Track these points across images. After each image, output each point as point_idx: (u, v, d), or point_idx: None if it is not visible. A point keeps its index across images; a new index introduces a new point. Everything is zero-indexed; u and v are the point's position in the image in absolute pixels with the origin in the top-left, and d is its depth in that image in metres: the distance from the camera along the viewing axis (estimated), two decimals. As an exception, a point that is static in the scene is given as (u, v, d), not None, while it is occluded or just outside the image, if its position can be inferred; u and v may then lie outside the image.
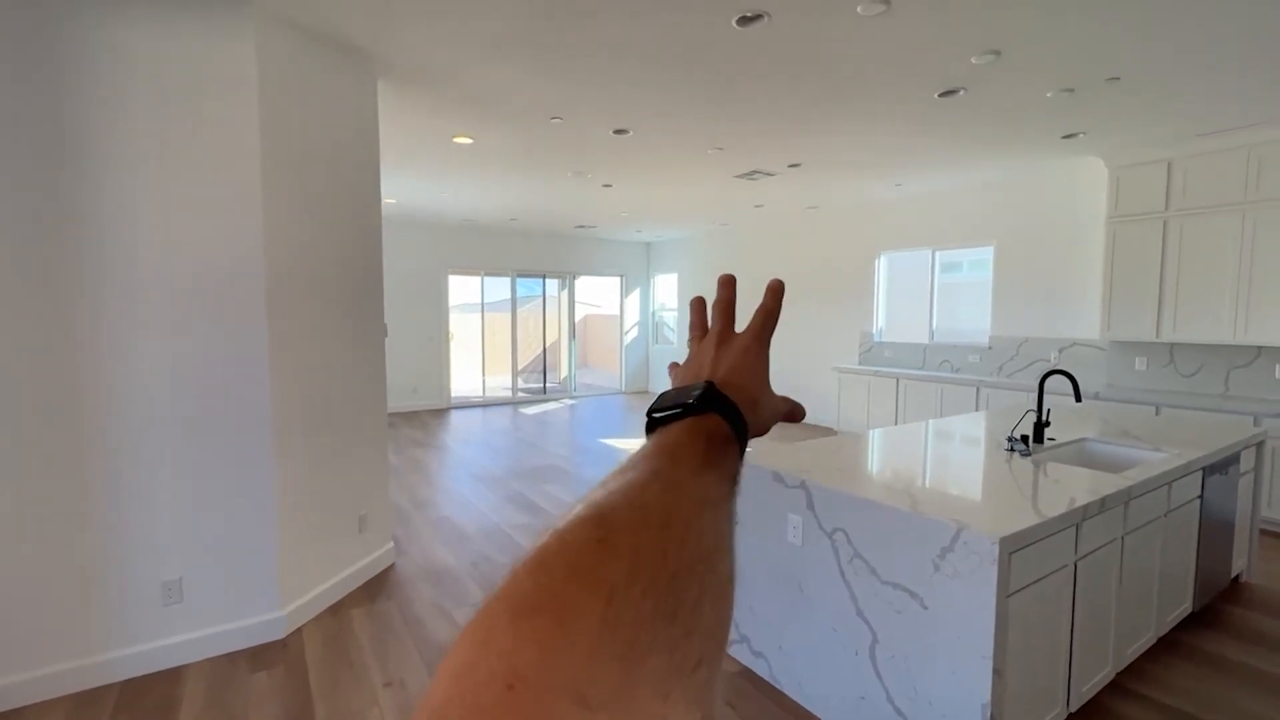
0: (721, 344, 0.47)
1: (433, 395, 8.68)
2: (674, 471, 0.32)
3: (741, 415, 0.39)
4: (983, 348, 5.86)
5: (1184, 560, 2.52)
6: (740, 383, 0.42)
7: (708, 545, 0.28)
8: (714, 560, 0.28)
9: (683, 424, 0.37)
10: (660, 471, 0.31)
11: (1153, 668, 2.34)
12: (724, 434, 0.37)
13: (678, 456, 0.33)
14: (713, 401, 0.38)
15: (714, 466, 0.34)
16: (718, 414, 0.38)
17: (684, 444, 0.35)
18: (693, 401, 0.38)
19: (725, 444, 0.37)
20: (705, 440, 0.35)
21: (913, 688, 1.75)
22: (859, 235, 7.00)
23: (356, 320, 3.03)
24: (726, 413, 0.38)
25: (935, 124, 3.96)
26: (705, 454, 0.34)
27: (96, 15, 2.10)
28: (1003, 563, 1.56)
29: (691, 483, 0.31)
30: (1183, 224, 4.28)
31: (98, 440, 2.18)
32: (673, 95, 3.45)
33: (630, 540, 0.25)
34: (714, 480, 0.33)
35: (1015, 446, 2.50)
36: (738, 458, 0.37)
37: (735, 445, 0.37)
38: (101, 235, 2.14)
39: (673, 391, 0.40)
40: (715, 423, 0.37)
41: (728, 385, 0.41)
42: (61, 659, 2.15)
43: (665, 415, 0.38)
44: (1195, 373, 4.49)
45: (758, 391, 0.43)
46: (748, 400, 0.41)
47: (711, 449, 0.35)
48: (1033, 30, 2.66)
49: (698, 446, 0.35)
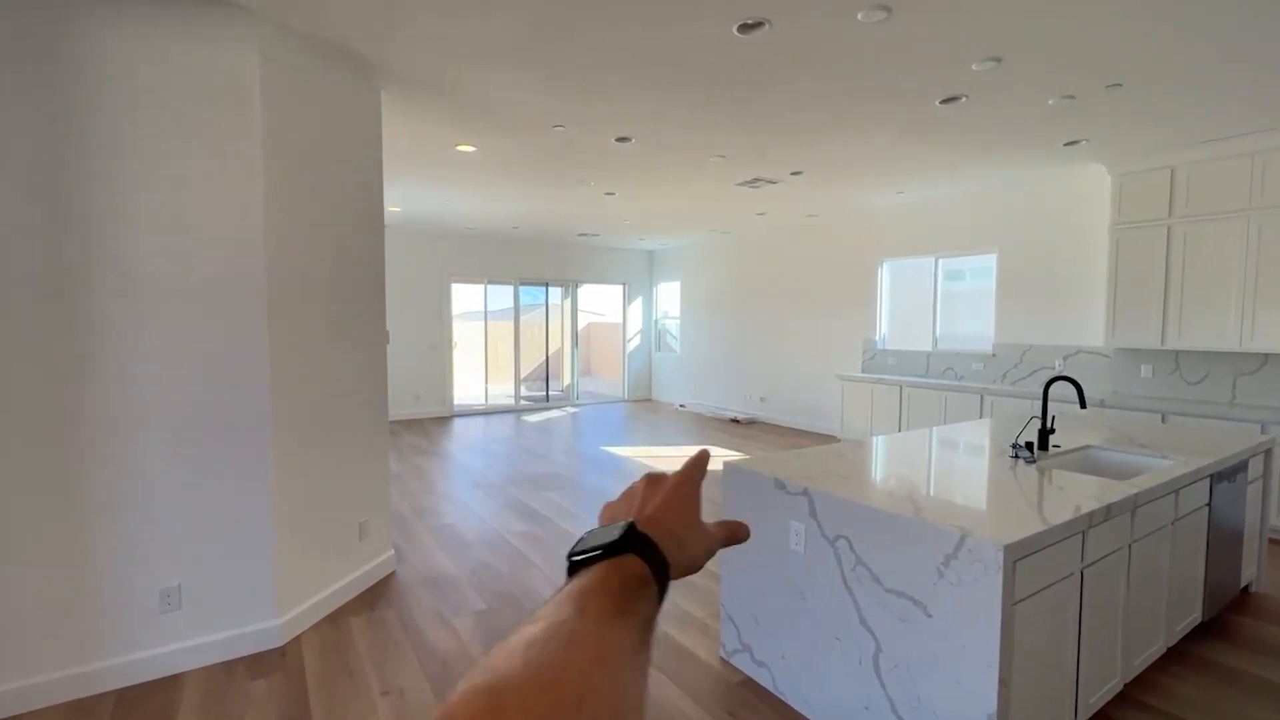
0: (652, 483, 0.47)
1: (435, 403, 8.68)
2: (579, 625, 0.31)
3: (663, 555, 0.39)
4: (986, 355, 5.83)
5: (1192, 569, 2.49)
6: (665, 520, 0.43)
7: (608, 704, 0.28)
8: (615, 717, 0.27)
9: (599, 567, 0.37)
10: (564, 625, 0.31)
11: (1161, 679, 2.30)
12: (640, 576, 0.37)
13: (587, 606, 0.33)
14: (632, 542, 0.38)
15: (626, 613, 0.34)
16: (637, 554, 0.38)
17: (595, 590, 0.34)
18: (611, 542, 0.38)
19: (641, 586, 0.37)
20: (620, 584, 0.36)
21: (917, 697, 1.72)
22: (861, 243, 6.99)
23: (358, 327, 3.03)
24: (646, 553, 0.38)
25: (937, 131, 3.96)
26: (619, 598, 0.34)
27: (101, 24, 2.12)
28: (1007, 570, 1.54)
29: (597, 637, 0.31)
30: (1187, 231, 4.27)
31: (97, 446, 2.17)
32: (675, 103, 3.46)
33: (518, 706, 0.25)
34: (625, 630, 0.33)
35: (1020, 453, 2.48)
36: (655, 600, 0.37)
37: (652, 587, 0.38)
38: (104, 242, 2.15)
39: (595, 531, 0.40)
40: (633, 564, 0.37)
41: (652, 522, 0.42)
42: (58, 666, 2.14)
43: (585, 558, 0.38)
44: (1201, 380, 4.46)
45: (683, 529, 0.43)
46: (670, 537, 0.41)
47: (626, 593, 0.35)
48: (1034, 37, 2.66)
49: (610, 590, 0.35)
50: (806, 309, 7.72)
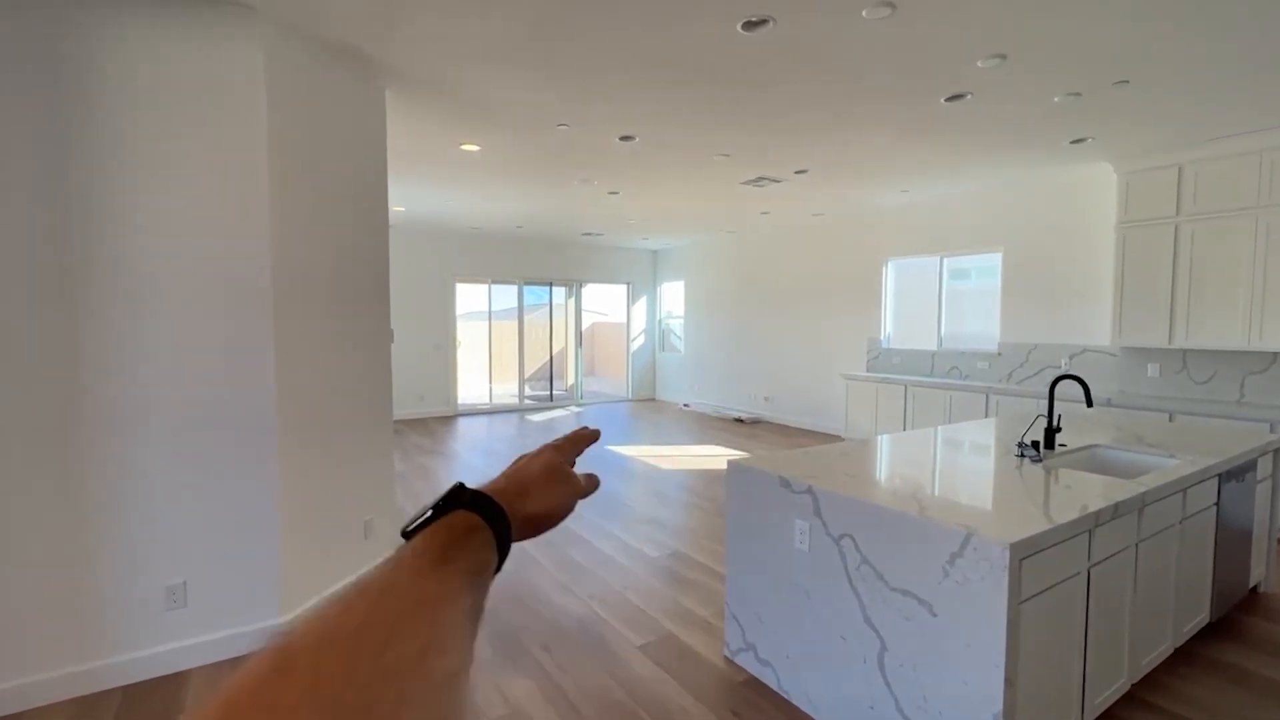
0: (520, 457, 0.52)
1: (440, 402, 8.70)
2: (390, 577, 0.32)
3: (495, 502, 0.41)
4: (992, 354, 5.81)
5: (1200, 569, 2.47)
6: (515, 478, 0.47)
7: (415, 649, 0.28)
8: (424, 663, 0.28)
9: (427, 529, 0.38)
10: (372, 582, 0.31)
11: (1169, 679, 2.28)
12: (468, 525, 0.38)
13: (401, 562, 0.34)
14: (460, 499, 0.40)
15: (450, 560, 0.35)
16: (467, 508, 0.39)
17: (414, 548, 0.36)
18: (439, 503, 0.39)
19: (468, 535, 0.38)
20: (445, 535, 0.37)
21: (922, 696, 1.71)
22: (866, 242, 6.97)
23: (363, 327, 3.03)
24: (477, 504, 0.40)
25: (942, 129, 3.94)
26: (441, 550, 0.36)
27: (104, 24, 2.13)
28: (1013, 569, 1.53)
29: (409, 584, 0.32)
30: (1194, 229, 4.24)
31: (103, 444, 2.18)
32: (678, 101, 3.46)
33: (310, 661, 0.25)
34: (447, 575, 0.34)
35: (1026, 452, 2.46)
36: (487, 546, 0.39)
37: (483, 535, 0.39)
38: (109, 241, 2.16)
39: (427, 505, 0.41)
40: (459, 517, 0.39)
41: (499, 480, 0.46)
42: (64, 663, 2.15)
43: (416, 526, 0.38)
44: (1209, 379, 4.43)
45: (529, 481, 0.47)
46: (515, 492, 0.45)
47: (451, 545, 0.36)
48: (1039, 34, 2.65)
49: (433, 544, 0.36)
50: (811, 308, 7.70)
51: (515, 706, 2.16)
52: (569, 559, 3.47)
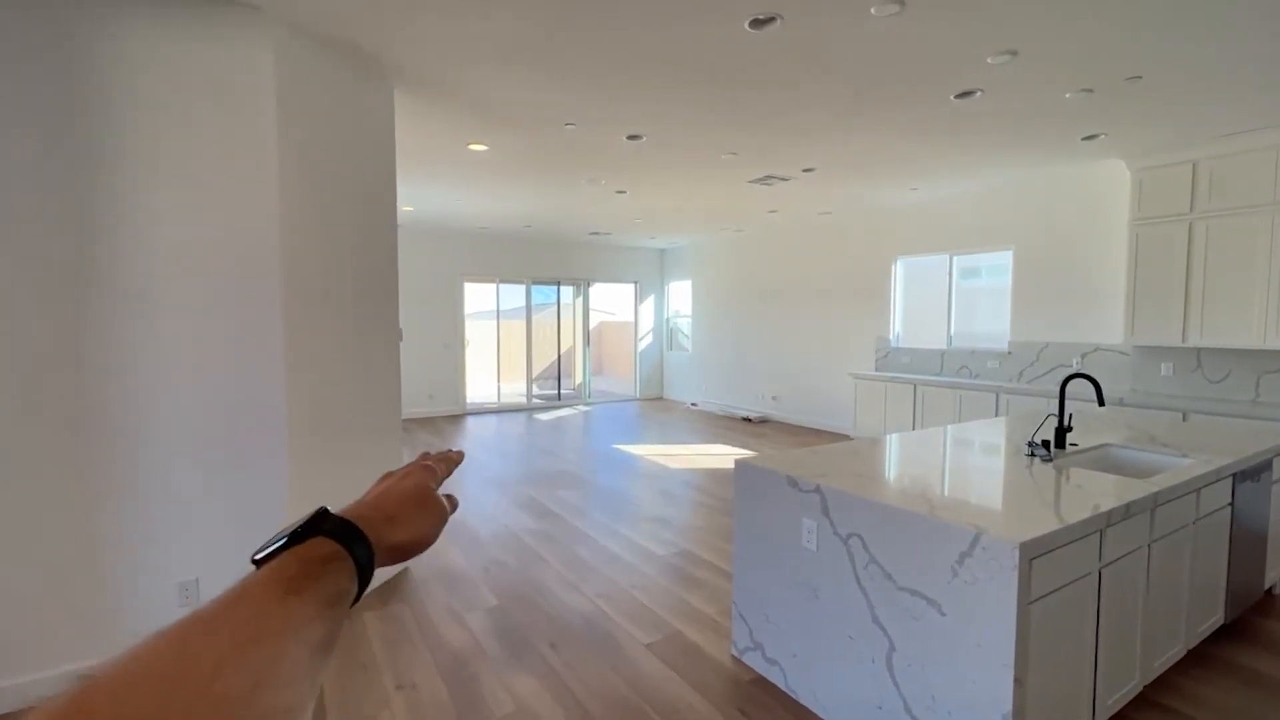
0: (384, 477, 0.49)
1: (448, 401, 8.74)
2: (225, 611, 0.30)
3: (357, 530, 0.39)
4: (1002, 353, 5.76)
5: (1214, 570, 2.44)
6: (380, 503, 0.44)
7: (244, 684, 0.27)
8: (254, 698, 0.27)
9: (280, 556, 0.36)
10: (203, 617, 0.29)
11: (1182, 681, 2.26)
12: (325, 554, 0.36)
13: (245, 591, 0.32)
14: (321, 525, 0.38)
15: (300, 592, 0.33)
16: (326, 535, 0.37)
17: (263, 578, 0.34)
18: (297, 528, 0.37)
19: (325, 564, 0.36)
20: (297, 565, 0.35)
21: (931, 696, 1.70)
22: (875, 240, 6.94)
23: (372, 326, 3.05)
24: (338, 532, 0.38)
25: (951, 126, 3.92)
26: (291, 580, 0.33)
27: (113, 25, 2.16)
28: (1023, 569, 1.52)
29: (248, 616, 0.30)
30: (1209, 226, 4.18)
31: (115, 442, 2.21)
32: (686, 100, 3.45)
33: (109, 708, 0.24)
34: (294, 608, 0.32)
35: (1036, 452, 2.44)
36: (346, 575, 0.37)
37: (343, 562, 0.37)
38: (120, 240, 2.19)
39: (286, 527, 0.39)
40: (315, 545, 0.37)
41: (362, 506, 0.43)
42: (80, 658, 2.18)
43: (269, 553, 0.36)
44: (1224, 378, 4.37)
45: (396, 508, 0.45)
46: (382, 518, 0.42)
47: (302, 575, 0.34)
48: (1050, 29, 2.62)
49: (282, 574, 0.34)
50: (819, 307, 7.67)
51: (522, 704, 2.17)
52: (576, 557, 3.48)
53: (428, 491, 0.48)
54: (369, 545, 0.39)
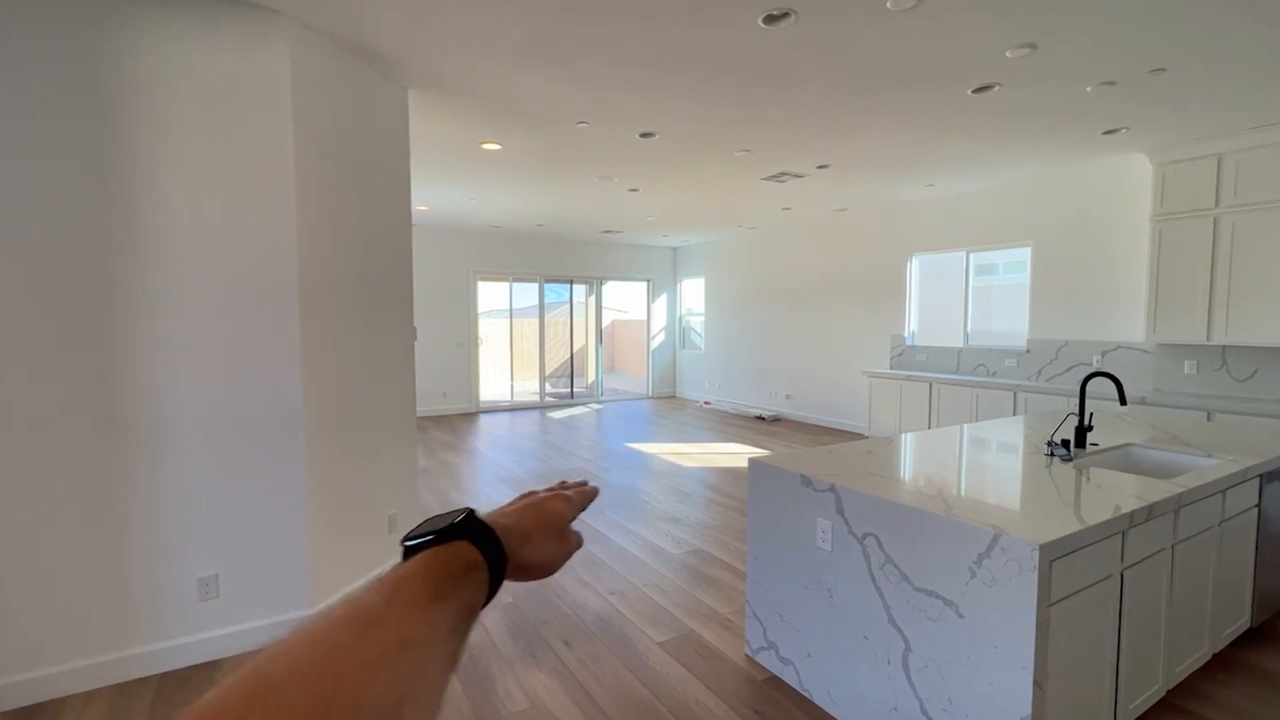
0: (525, 495, 0.50)
1: (462, 399, 8.80)
2: (385, 608, 0.31)
3: (499, 543, 0.39)
4: (1020, 351, 5.68)
5: (1240, 573, 2.39)
6: (520, 518, 0.45)
7: (394, 696, 0.27)
8: (399, 713, 0.27)
9: (426, 553, 0.36)
10: (366, 609, 0.30)
11: (1207, 686, 2.22)
12: (469, 561, 0.37)
13: (399, 590, 0.33)
14: (468, 528, 0.38)
15: (443, 599, 0.33)
16: (471, 541, 0.38)
17: (413, 574, 0.34)
18: (448, 527, 0.38)
19: (467, 572, 0.36)
20: (443, 568, 0.35)
21: (947, 699, 1.69)
22: (890, 237, 6.87)
23: (387, 324, 3.08)
24: (482, 540, 0.38)
25: (969, 121, 3.86)
26: (437, 583, 0.34)
27: (134, 28, 2.19)
28: (1043, 570, 1.49)
29: (399, 620, 0.31)
30: (1234, 221, 4.09)
31: (136, 439, 2.25)
32: (699, 98, 3.44)
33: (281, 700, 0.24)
34: (436, 617, 0.32)
35: (1056, 451, 2.41)
36: (481, 588, 0.37)
37: (481, 575, 0.37)
38: (141, 239, 2.22)
39: (435, 517, 0.40)
40: (462, 549, 0.37)
41: (504, 516, 0.44)
42: (103, 651, 2.22)
43: (418, 543, 0.37)
44: (1250, 376, 4.28)
45: (536, 529, 0.45)
46: (519, 533, 0.42)
47: (448, 577, 0.35)
48: (1071, 21, 2.57)
49: (431, 576, 0.34)
50: (833, 305, 7.61)
51: (536, 701, 2.18)
52: (590, 555, 3.48)
53: (565, 521, 0.48)
54: (505, 562, 0.40)
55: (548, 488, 0.53)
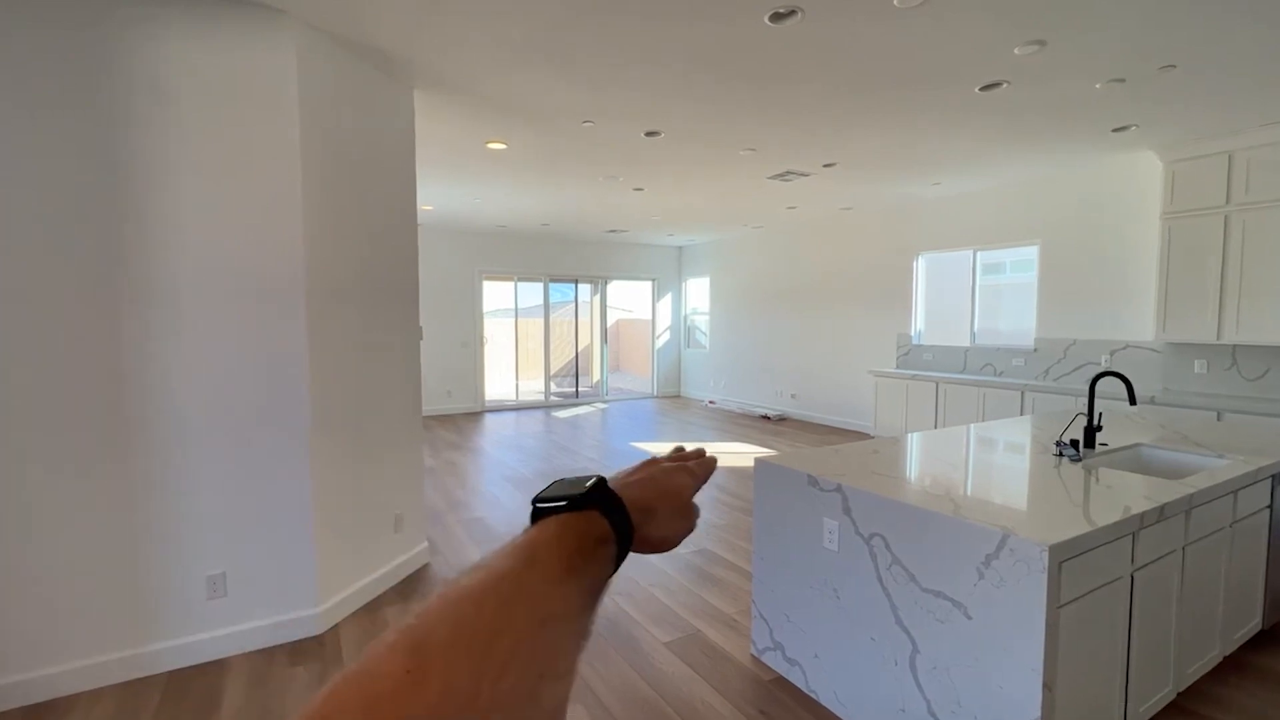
0: (649, 462, 0.48)
1: (467, 398, 8.81)
2: (525, 578, 0.31)
3: (629, 516, 0.38)
4: (1028, 350, 5.65)
5: (1252, 574, 2.37)
6: (645, 490, 0.43)
7: (535, 672, 0.27)
8: (539, 690, 0.27)
9: (559, 519, 0.36)
10: (508, 577, 0.30)
11: (1218, 688, 2.19)
12: (600, 534, 0.36)
13: (537, 558, 0.32)
14: (600, 497, 0.38)
15: (576, 573, 0.33)
16: (601, 512, 0.37)
17: (550, 544, 0.33)
18: (580, 494, 0.37)
19: (598, 545, 0.36)
20: (576, 540, 0.35)
21: (956, 700, 1.67)
22: (896, 236, 6.84)
23: (393, 323, 3.08)
24: (612, 511, 0.38)
25: (976, 119, 3.84)
26: (572, 556, 0.33)
27: (141, 28, 2.19)
28: (1052, 572, 1.48)
29: (540, 593, 0.30)
30: (1245, 219, 4.05)
31: (143, 438, 2.26)
32: (704, 96, 3.43)
33: (442, 671, 0.24)
34: (570, 591, 0.32)
35: (1064, 451, 2.39)
36: (610, 562, 0.37)
37: (610, 549, 0.37)
38: (149, 240, 2.23)
39: (564, 481, 0.39)
40: (595, 522, 0.36)
41: (629, 487, 0.42)
42: (111, 649, 2.23)
43: (550, 506, 0.37)
44: (1261, 376, 4.24)
45: (660, 503, 0.43)
46: (644, 507, 0.41)
47: (581, 551, 0.34)
48: (1080, 18, 2.55)
49: (565, 547, 0.34)
50: (839, 304, 7.59)
51: (542, 700, 2.18)
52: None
53: (688, 494, 0.47)
54: (632, 536, 0.39)
55: (669, 455, 0.51)
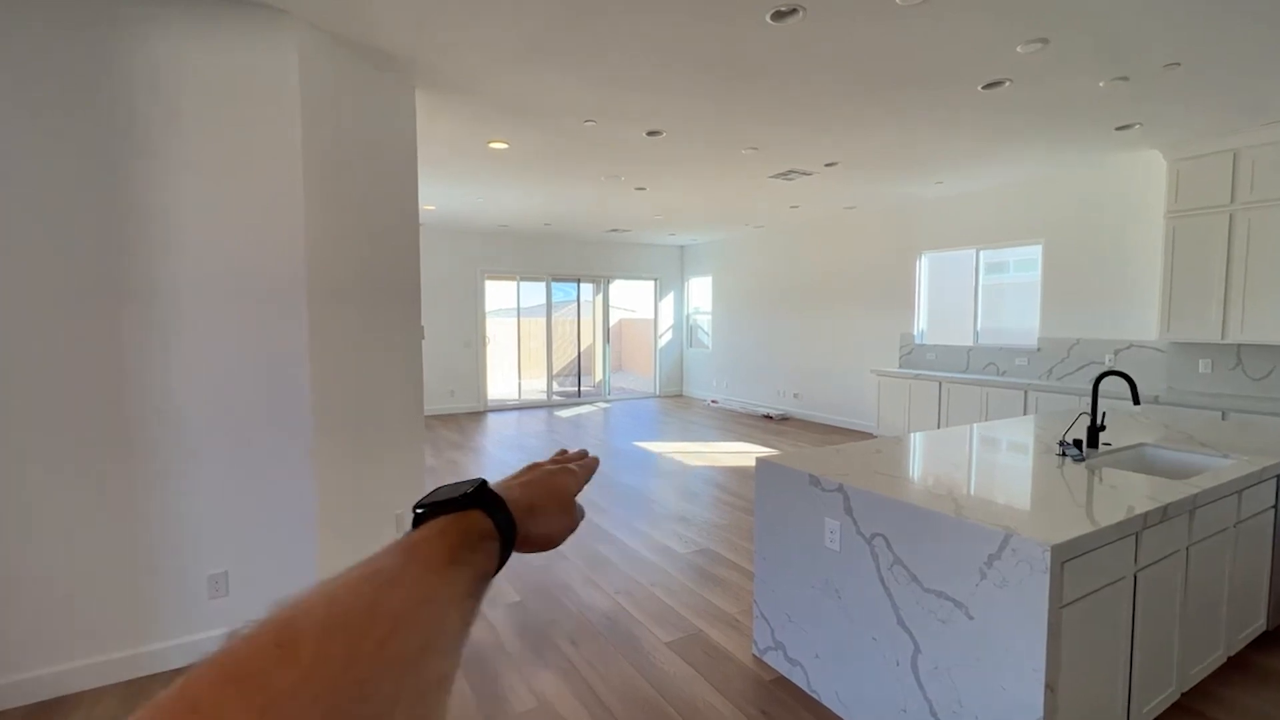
0: (531, 467, 0.51)
1: (470, 398, 8.82)
2: (403, 568, 0.32)
3: (510, 514, 0.40)
4: (1031, 350, 5.63)
5: (1257, 575, 2.35)
6: (527, 491, 0.45)
7: (415, 645, 0.28)
8: (422, 662, 0.28)
9: (441, 519, 0.37)
10: (384, 569, 0.31)
11: (1222, 689, 2.18)
12: (482, 530, 0.38)
13: (415, 553, 0.33)
14: (482, 498, 0.39)
15: (458, 563, 0.34)
16: (485, 512, 0.38)
17: (429, 539, 0.35)
18: (461, 495, 0.38)
19: (481, 540, 0.37)
20: (458, 535, 0.36)
21: (958, 701, 1.67)
22: (899, 235, 6.82)
23: (395, 323, 3.08)
24: (495, 512, 0.39)
25: (979, 118, 3.82)
26: (454, 549, 0.35)
27: (143, 27, 2.20)
28: (1055, 572, 1.47)
29: (418, 579, 0.31)
30: (1250, 217, 4.03)
31: (145, 438, 2.26)
32: (706, 95, 3.42)
33: (313, 646, 0.25)
34: (453, 576, 0.33)
35: (1067, 451, 2.38)
36: (493, 558, 0.38)
37: (493, 543, 0.38)
38: (151, 240, 2.23)
39: (447, 486, 0.40)
40: (476, 518, 0.38)
41: (512, 489, 0.44)
42: (113, 648, 2.24)
43: (431, 509, 0.38)
44: (1266, 375, 4.21)
45: (542, 502, 0.45)
46: (526, 507, 0.43)
47: (464, 544, 0.36)
48: (1084, 15, 2.54)
49: (446, 541, 0.35)
50: (842, 303, 7.57)
51: (543, 700, 2.18)
52: (597, 554, 3.48)
53: (570, 494, 0.49)
54: (514, 532, 0.40)
55: (551, 459, 0.53)
